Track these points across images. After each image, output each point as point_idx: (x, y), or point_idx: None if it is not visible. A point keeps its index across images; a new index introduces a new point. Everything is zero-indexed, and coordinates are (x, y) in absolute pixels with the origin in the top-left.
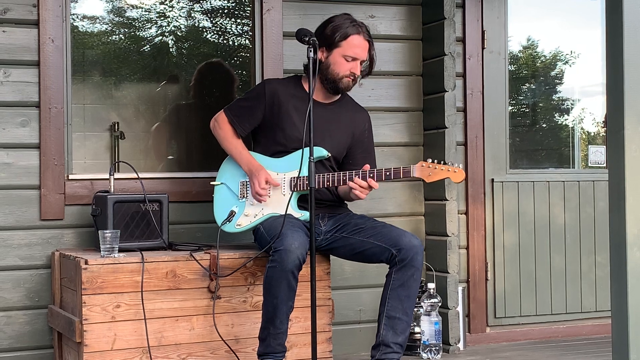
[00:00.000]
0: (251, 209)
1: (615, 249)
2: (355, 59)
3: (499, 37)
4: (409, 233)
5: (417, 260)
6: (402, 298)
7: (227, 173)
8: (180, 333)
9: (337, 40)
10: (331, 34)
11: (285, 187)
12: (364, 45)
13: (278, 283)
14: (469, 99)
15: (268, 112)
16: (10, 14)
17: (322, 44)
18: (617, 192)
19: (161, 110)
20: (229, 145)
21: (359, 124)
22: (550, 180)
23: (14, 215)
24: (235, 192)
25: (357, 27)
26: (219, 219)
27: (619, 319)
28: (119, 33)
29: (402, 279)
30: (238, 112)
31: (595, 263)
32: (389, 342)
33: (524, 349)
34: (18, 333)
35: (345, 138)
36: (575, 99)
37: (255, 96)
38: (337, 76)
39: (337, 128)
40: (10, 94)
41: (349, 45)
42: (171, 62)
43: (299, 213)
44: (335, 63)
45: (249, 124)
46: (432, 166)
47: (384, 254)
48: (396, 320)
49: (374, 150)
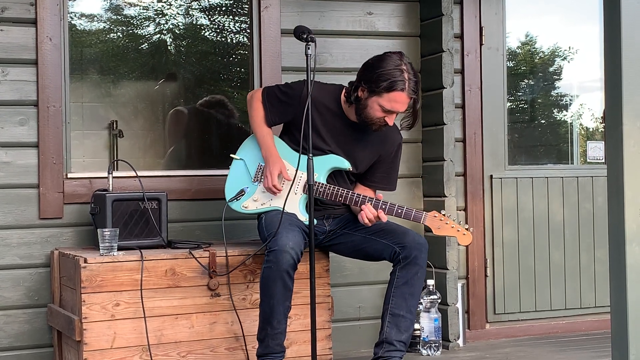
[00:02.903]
0: (261, 196)
1: (614, 244)
2: (391, 112)
3: (497, 34)
4: (413, 231)
5: (421, 258)
6: (406, 296)
7: (249, 152)
8: (180, 331)
9: (380, 90)
10: (376, 79)
11: (299, 187)
12: (404, 101)
13: (274, 283)
14: (467, 96)
15: (299, 116)
16: (7, 13)
17: (365, 84)
18: (615, 187)
19: (159, 107)
20: (257, 126)
21: (389, 146)
22: (549, 176)
23: (13, 214)
24: (251, 172)
25: (404, 82)
26: (228, 194)
27: (618, 315)
28: (117, 31)
29: (406, 277)
30: (274, 101)
31: (595, 259)
32: (393, 339)
33: (524, 345)
34: (18, 332)
35: (370, 158)
36: (574, 95)
37: (292, 96)
38: (369, 120)
39: (364, 148)
40: (9, 92)
41: (389, 99)
42: (169, 59)
43: (304, 217)
44: (372, 108)
45: (279, 118)
46: (444, 220)
47: (387, 252)
48: (400, 318)
49: (396, 172)
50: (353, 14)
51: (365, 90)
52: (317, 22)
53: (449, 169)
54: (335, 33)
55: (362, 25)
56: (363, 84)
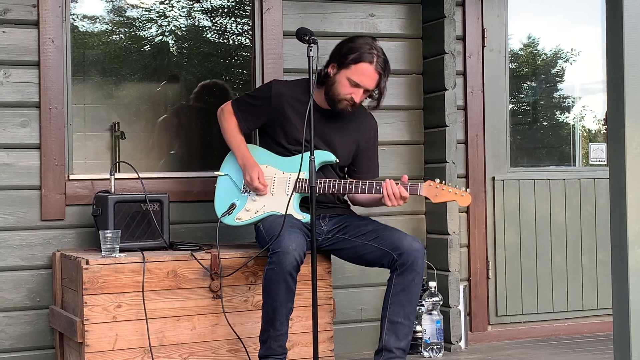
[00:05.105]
0: (252, 205)
1: (616, 246)
2: (358, 85)
3: (499, 35)
4: (410, 236)
5: (417, 264)
6: (403, 303)
7: (233, 165)
8: (182, 333)
9: (348, 62)
10: (345, 53)
11: (290, 188)
12: (372, 75)
13: (276, 285)
14: (469, 97)
15: (272, 116)
16: (10, 15)
17: (335, 60)
18: (618, 189)
19: (162, 109)
20: (230, 137)
21: (365, 132)
22: (551, 178)
23: (15, 215)
24: (239, 185)
25: (373, 55)
26: (219, 211)
27: (620, 317)
28: (119, 33)
29: (403, 284)
30: (244, 108)
31: (597, 261)
32: (392, 347)
33: (526, 347)
34: (19, 333)
35: (349, 145)
36: (576, 97)
37: (261, 97)
38: (336, 96)
39: (342, 134)
40: (11, 94)
41: (357, 71)
42: (171, 61)
43: (300, 215)
44: (340, 83)
45: (253, 123)
46: (440, 187)
47: (385, 258)
48: (398, 325)
49: (377, 157)
50: (355, 16)
51: (335, 66)
52: (319, 24)
53: (451, 171)
54: (338, 35)
55: (364, 27)
56: (333, 60)
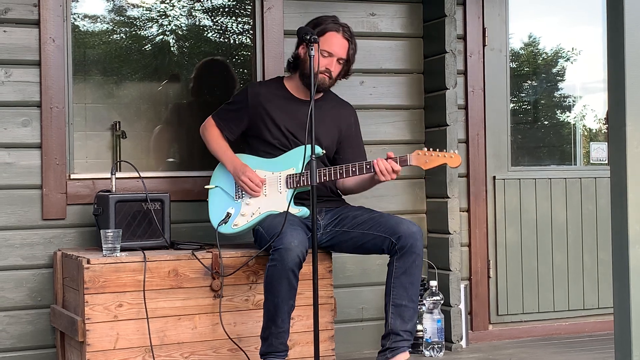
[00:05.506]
0: (247, 209)
1: (617, 245)
2: (331, 54)
3: (500, 34)
4: (407, 220)
5: (416, 246)
6: (406, 285)
7: (222, 176)
8: (183, 332)
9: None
10: (311, 29)
11: (282, 185)
12: (341, 43)
13: (279, 282)
14: (470, 97)
15: (253, 116)
16: (11, 14)
17: (303, 40)
18: (618, 188)
19: (162, 109)
20: (215, 146)
21: (345, 119)
22: (552, 177)
23: (16, 215)
24: (231, 193)
25: (338, 25)
26: (214, 222)
27: (621, 316)
28: (120, 32)
29: (404, 267)
30: (225, 116)
31: (598, 260)
32: (398, 330)
33: (527, 347)
34: (21, 333)
35: (332, 133)
36: (577, 96)
37: (239, 101)
38: None
39: (322, 122)
40: (12, 93)
41: (325, 41)
42: (172, 61)
43: (296, 209)
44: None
45: (237, 128)
46: (429, 154)
47: (384, 243)
48: (403, 307)
49: (362, 144)
50: (356, 15)
51: (304, 45)
52: None
53: (452, 170)
54: None
55: (365, 27)
56: (301, 41)
